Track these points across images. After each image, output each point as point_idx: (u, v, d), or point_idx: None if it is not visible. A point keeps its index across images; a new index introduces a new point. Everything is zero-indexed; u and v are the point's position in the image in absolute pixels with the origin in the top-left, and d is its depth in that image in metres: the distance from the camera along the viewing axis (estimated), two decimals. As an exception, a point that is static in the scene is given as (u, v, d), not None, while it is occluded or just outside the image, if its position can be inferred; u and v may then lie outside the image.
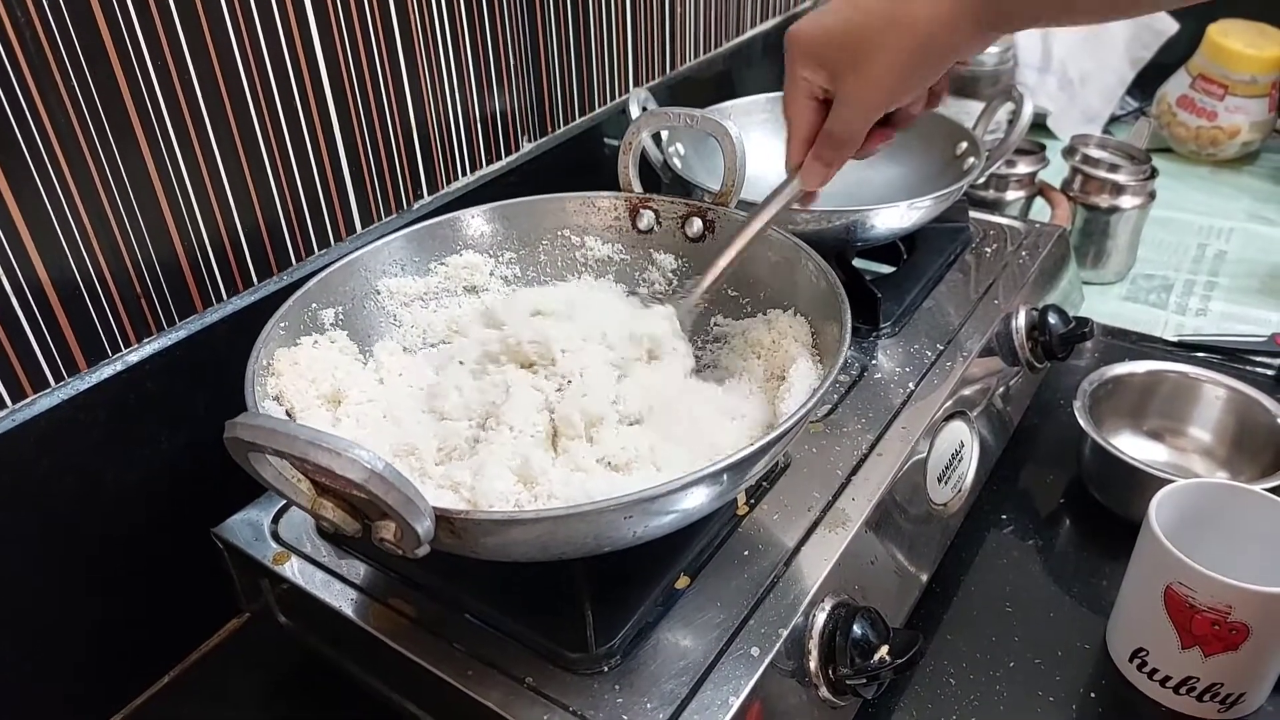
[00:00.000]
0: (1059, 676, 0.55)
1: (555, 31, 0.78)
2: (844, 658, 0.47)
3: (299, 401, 0.49)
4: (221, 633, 0.62)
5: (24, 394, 0.50)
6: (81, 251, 0.50)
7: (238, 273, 0.59)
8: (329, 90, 0.61)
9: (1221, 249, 1.02)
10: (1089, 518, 0.67)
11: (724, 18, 1.02)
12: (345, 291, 0.56)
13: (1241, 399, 0.68)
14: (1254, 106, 1.15)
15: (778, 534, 0.51)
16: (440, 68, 0.68)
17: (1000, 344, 0.70)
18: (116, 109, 0.50)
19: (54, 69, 0.47)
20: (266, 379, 0.48)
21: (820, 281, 0.52)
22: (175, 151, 0.53)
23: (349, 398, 0.51)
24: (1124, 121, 1.28)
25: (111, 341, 0.53)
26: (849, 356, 0.63)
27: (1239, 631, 0.49)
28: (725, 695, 0.43)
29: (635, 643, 0.46)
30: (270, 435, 0.33)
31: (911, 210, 0.68)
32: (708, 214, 0.59)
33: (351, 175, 0.65)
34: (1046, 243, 0.78)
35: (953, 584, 0.62)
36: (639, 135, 0.61)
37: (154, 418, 0.55)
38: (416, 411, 0.52)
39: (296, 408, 0.49)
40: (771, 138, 0.85)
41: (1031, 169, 0.96)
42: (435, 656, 0.46)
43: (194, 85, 0.53)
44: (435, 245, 0.60)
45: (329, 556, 0.53)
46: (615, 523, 0.39)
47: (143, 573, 0.57)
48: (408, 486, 0.34)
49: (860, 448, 0.57)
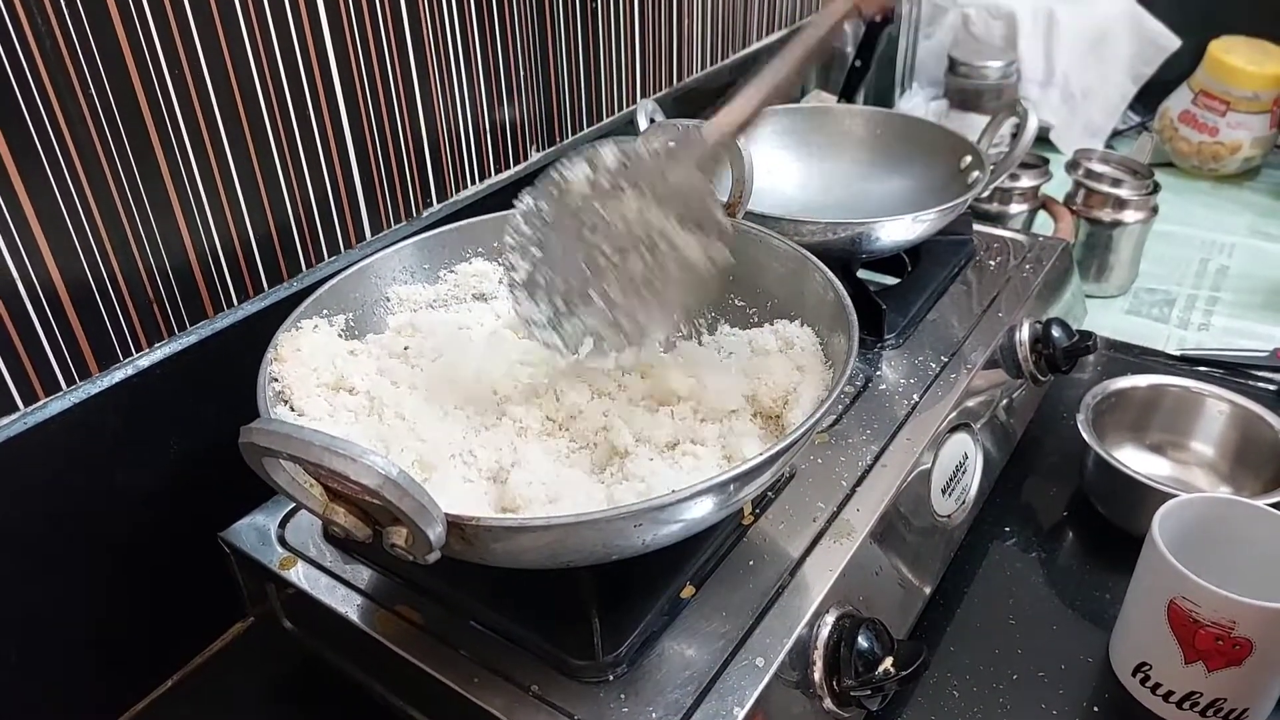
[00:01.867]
0: (1062, 690, 0.56)
1: (564, 43, 0.79)
2: (849, 669, 0.47)
3: (299, 390, 0.50)
4: (226, 637, 0.62)
5: (36, 397, 0.50)
6: (95, 255, 0.51)
7: (249, 278, 0.59)
8: (341, 98, 0.61)
9: (1224, 264, 1.03)
10: (1092, 531, 0.67)
11: (730, 30, 1.03)
12: (355, 298, 0.56)
13: (1244, 413, 0.68)
14: (1256, 123, 1.16)
15: (783, 544, 0.52)
16: (451, 77, 0.69)
17: (1004, 356, 0.70)
18: (132, 115, 0.50)
19: (72, 75, 0.47)
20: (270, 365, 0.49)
21: (827, 293, 0.52)
22: (189, 157, 0.54)
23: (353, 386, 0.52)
24: (1126, 136, 1.29)
25: (123, 345, 0.53)
26: (853, 368, 0.63)
27: (1242, 647, 0.49)
28: (730, 705, 0.43)
29: (641, 652, 0.46)
30: (285, 441, 0.34)
31: (916, 223, 0.68)
32: (715, 225, 0.60)
33: (362, 182, 0.65)
34: (1050, 256, 0.79)
35: (956, 596, 0.62)
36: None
37: (164, 422, 0.55)
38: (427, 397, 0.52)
39: (295, 395, 0.49)
40: (779, 149, 0.86)
41: (1035, 183, 0.97)
42: (440, 663, 0.46)
43: (209, 92, 0.54)
44: (445, 253, 0.60)
45: (335, 562, 0.53)
46: (624, 531, 0.39)
47: (148, 576, 0.57)
48: (421, 493, 0.35)
49: (865, 459, 0.57)
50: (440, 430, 0.49)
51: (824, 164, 0.86)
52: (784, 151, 0.86)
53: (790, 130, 0.86)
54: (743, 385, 0.52)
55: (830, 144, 0.86)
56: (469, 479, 0.48)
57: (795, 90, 0.55)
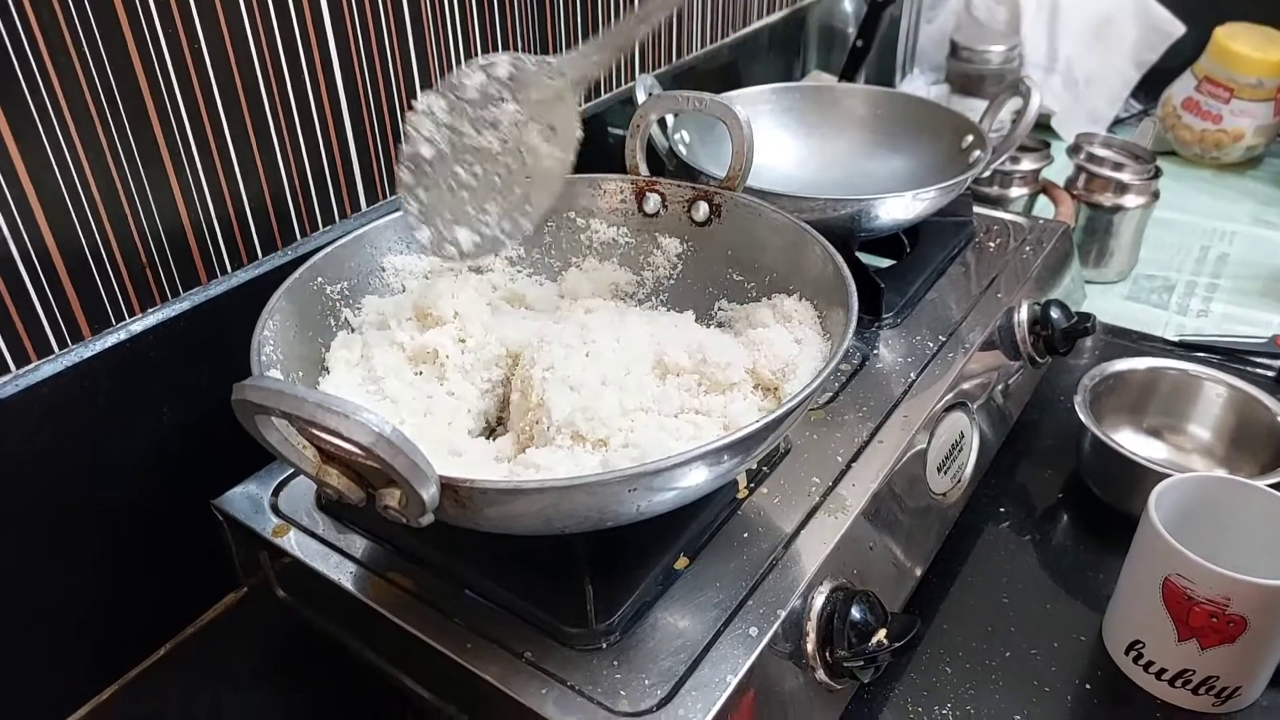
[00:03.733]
0: (1055, 668, 0.56)
1: (563, 17, 0.78)
2: (841, 640, 0.47)
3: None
4: (219, 606, 0.62)
5: (28, 360, 0.50)
6: (89, 220, 0.50)
7: (243, 246, 0.59)
8: (338, 66, 0.61)
9: (1224, 251, 1.02)
10: (1087, 512, 0.67)
11: (731, 9, 1.02)
12: (351, 267, 0.56)
13: (1241, 397, 0.68)
14: (1259, 110, 1.15)
15: (777, 518, 0.52)
16: (449, 47, 0.68)
17: (1002, 338, 0.70)
18: (127, 79, 0.50)
19: (67, 38, 0.47)
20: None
21: (826, 266, 0.52)
22: (184, 123, 0.53)
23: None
24: (1128, 123, 1.28)
25: (116, 310, 0.53)
26: (850, 346, 0.63)
27: (1236, 624, 0.49)
28: (723, 674, 0.43)
29: (634, 620, 0.46)
30: (278, 398, 0.33)
31: (916, 201, 0.68)
32: (714, 198, 0.59)
33: (358, 152, 0.64)
34: (1050, 239, 0.79)
35: (950, 575, 0.62)
36: (647, 118, 0.61)
37: (156, 388, 0.55)
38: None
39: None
40: (778, 128, 0.86)
41: (1035, 166, 0.96)
42: (434, 630, 0.46)
43: (204, 57, 0.53)
44: (441, 223, 0.60)
45: (328, 530, 0.53)
46: (619, 495, 0.39)
47: (141, 544, 0.57)
48: (415, 452, 0.34)
49: (861, 435, 0.57)
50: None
51: (824, 143, 0.85)
52: (784, 130, 0.86)
53: (791, 109, 0.86)
54: (745, 358, 0.52)
55: (831, 123, 0.85)
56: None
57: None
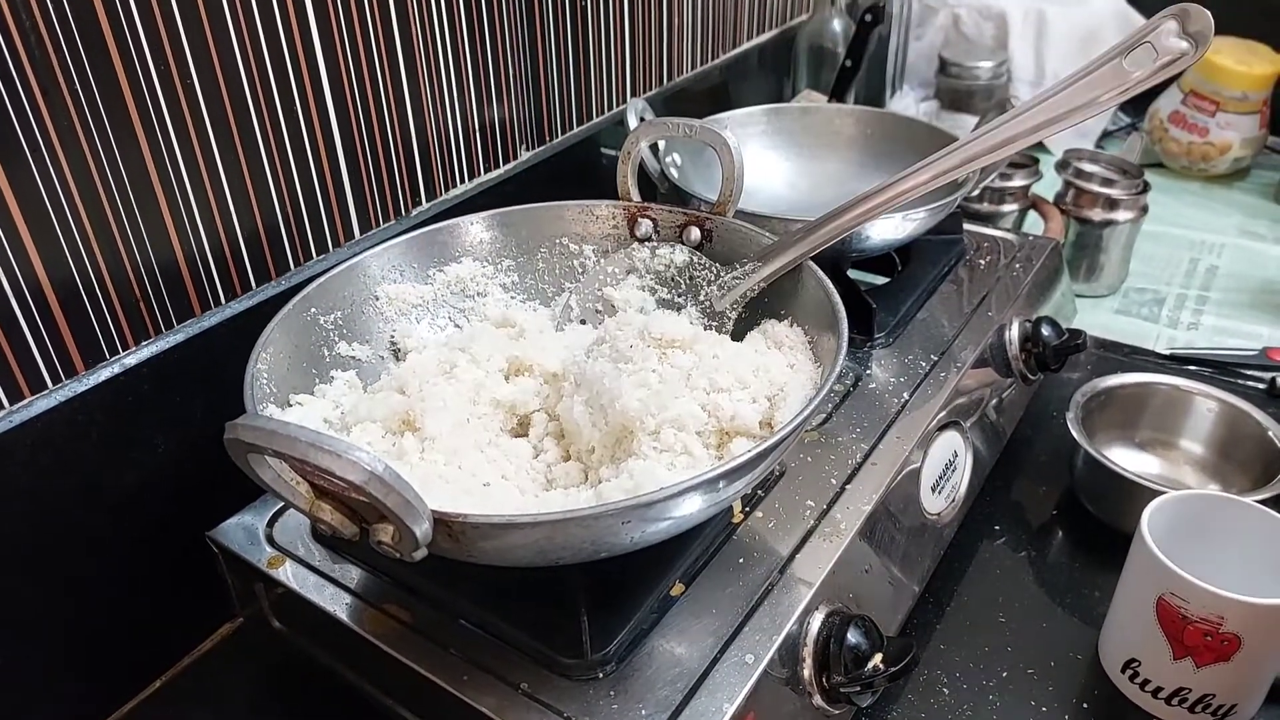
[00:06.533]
0: (1051, 687, 0.56)
1: (554, 43, 0.79)
2: (838, 665, 0.47)
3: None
4: (215, 637, 0.61)
5: (21, 395, 0.50)
6: (81, 253, 0.51)
7: (236, 277, 0.59)
8: (329, 96, 0.61)
9: (1213, 264, 1.03)
10: (1081, 529, 0.67)
11: (721, 30, 1.03)
12: (344, 297, 0.56)
13: (1232, 411, 0.68)
14: (1245, 123, 1.16)
15: (772, 542, 0.52)
16: (440, 76, 0.69)
17: (994, 355, 0.70)
18: (118, 111, 0.50)
19: (57, 70, 0.47)
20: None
21: (817, 291, 0.52)
22: (176, 154, 0.54)
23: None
24: (1116, 137, 1.29)
25: (109, 344, 0.53)
26: (843, 366, 0.64)
27: (1231, 643, 0.49)
28: (720, 702, 0.43)
29: (630, 649, 0.46)
30: (271, 436, 0.33)
31: (906, 221, 0.68)
32: (706, 223, 0.60)
33: (351, 181, 0.65)
34: (1040, 255, 0.79)
35: (946, 594, 0.62)
36: (638, 144, 0.61)
37: (151, 421, 0.55)
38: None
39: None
40: (768, 149, 0.86)
41: (1025, 182, 0.97)
42: (430, 661, 0.46)
43: (195, 88, 0.53)
44: (434, 252, 0.60)
45: (324, 561, 0.53)
46: (613, 528, 0.39)
47: (136, 576, 0.57)
48: (407, 489, 0.34)
49: (854, 457, 0.57)
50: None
51: (814, 163, 0.86)
52: (775, 151, 0.86)
53: (780, 129, 0.86)
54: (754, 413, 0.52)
55: (820, 143, 0.86)
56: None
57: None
